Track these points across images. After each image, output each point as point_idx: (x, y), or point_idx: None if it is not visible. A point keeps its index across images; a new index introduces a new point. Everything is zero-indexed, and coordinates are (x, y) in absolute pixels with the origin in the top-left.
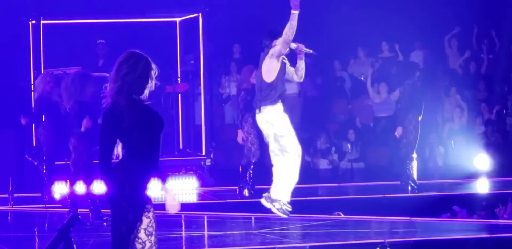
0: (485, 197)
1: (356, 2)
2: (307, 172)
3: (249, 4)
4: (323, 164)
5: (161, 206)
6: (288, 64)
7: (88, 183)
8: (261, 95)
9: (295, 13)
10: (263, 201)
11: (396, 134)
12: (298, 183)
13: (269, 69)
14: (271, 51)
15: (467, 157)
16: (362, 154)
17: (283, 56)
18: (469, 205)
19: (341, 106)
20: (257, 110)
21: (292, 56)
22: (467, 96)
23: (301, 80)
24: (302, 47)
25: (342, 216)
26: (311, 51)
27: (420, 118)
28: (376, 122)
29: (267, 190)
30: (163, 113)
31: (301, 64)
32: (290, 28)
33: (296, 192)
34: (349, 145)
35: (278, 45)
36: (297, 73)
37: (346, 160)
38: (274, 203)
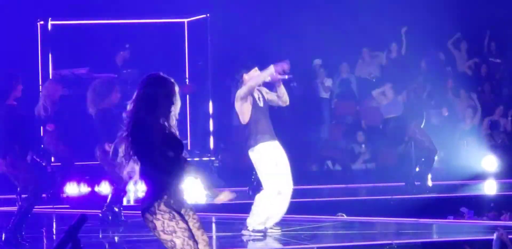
0: (492, 198)
1: (362, 2)
2: (315, 173)
3: (257, 6)
4: (330, 164)
5: None
6: (267, 93)
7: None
8: (247, 134)
9: (272, 73)
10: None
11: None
12: (307, 184)
13: (241, 111)
14: (237, 94)
15: (475, 158)
16: (370, 155)
17: (260, 88)
18: (476, 206)
19: (349, 108)
20: (250, 148)
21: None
22: (478, 97)
23: (287, 103)
24: (277, 76)
25: (345, 217)
26: (286, 77)
27: (422, 125)
28: (385, 123)
29: None
30: None
31: (281, 90)
32: (257, 80)
33: (304, 193)
34: (363, 146)
35: (243, 89)
36: (281, 99)
37: (361, 161)
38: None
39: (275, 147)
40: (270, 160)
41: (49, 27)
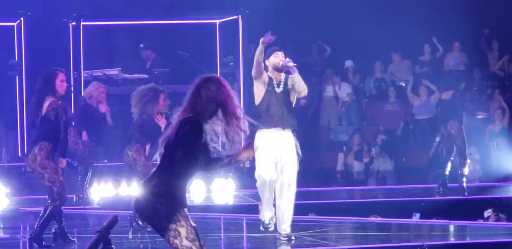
0: None
1: (395, 4)
2: (343, 174)
3: (289, 6)
4: (358, 166)
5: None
6: (294, 82)
7: None
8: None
9: (260, 48)
10: None
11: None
12: (336, 185)
13: (255, 91)
14: None
15: (507, 160)
16: (397, 156)
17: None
18: (508, 208)
19: (379, 109)
20: None
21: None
22: (508, 98)
23: (301, 95)
24: (286, 63)
25: (380, 218)
26: (291, 64)
27: (463, 126)
28: (416, 124)
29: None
30: None
31: (294, 78)
32: (255, 57)
33: (332, 195)
34: (374, 149)
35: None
36: (293, 88)
37: (380, 162)
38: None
39: (272, 134)
40: (257, 147)
41: (81, 28)
